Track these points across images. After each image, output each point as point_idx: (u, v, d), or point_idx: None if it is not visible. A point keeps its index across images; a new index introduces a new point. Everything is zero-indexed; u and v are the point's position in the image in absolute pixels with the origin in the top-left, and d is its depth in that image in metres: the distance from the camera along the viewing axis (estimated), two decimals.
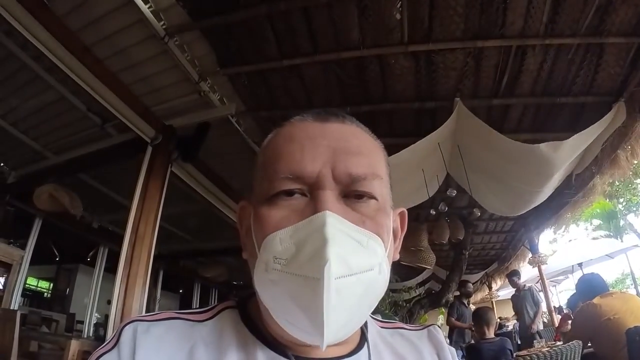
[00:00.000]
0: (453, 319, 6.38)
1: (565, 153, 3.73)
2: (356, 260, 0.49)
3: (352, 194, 0.55)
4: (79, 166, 4.63)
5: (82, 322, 6.62)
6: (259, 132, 4.12)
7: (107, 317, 3.77)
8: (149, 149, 3.63)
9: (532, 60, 3.40)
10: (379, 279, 0.52)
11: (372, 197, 0.56)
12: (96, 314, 6.48)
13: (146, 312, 3.22)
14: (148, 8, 2.88)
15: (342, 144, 0.57)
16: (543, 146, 3.56)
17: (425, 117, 3.96)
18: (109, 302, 3.38)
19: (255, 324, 0.59)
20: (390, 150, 3.49)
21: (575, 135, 3.54)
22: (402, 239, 0.67)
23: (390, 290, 8.90)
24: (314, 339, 0.48)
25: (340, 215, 0.52)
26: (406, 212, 0.68)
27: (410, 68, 3.45)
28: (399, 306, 8.28)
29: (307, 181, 0.54)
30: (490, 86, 3.65)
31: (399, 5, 2.94)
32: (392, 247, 0.60)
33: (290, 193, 0.54)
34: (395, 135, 4.17)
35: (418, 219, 6.40)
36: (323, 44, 3.22)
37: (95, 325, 6.46)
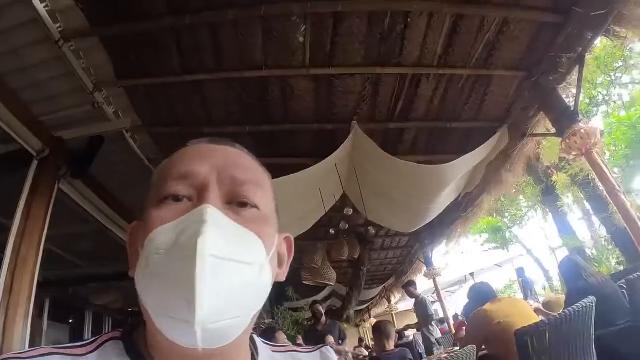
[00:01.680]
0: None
1: (452, 172, 4.10)
2: (235, 248, 0.49)
3: (236, 201, 0.57)
4: None
5: None
6: (155, 148, 3.96)
7: None
8: (34, 163, 3.30)
9: (426, 88, 3.71)
10: (261, 280, 0.52)
11: (255, 206, 0.58)
12: None
13: (30, 347, 2.92)
14: (44, 7, 2.64)
15: (229, 159, 0.61)
16: (431, 167, 3.86)
17: (325, 138, 4.09)
18: None
19: (140, 355, 0.57)
20: (291, 169, 3.59)
21: (461, 157, 3.90)
22: (289, 265, 0.67)
23: (291, 309, 8.92)
24: (190, 328, 0.44)
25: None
26: (292, 238, 0.69)
27: (311, 90, 3.58)
28: (301, 325, 8.31)
29: (195, 181, 0.56)
30: (386, 110, 3.92)
31: (302, 29, 3.06)
32: (275, 262, 0.60)
33: (177, 199, 0.55)
34: (295, 155, 4.28)
35: (317, 238, 6.55)
36: (227, 61, 3.23)
37: None
